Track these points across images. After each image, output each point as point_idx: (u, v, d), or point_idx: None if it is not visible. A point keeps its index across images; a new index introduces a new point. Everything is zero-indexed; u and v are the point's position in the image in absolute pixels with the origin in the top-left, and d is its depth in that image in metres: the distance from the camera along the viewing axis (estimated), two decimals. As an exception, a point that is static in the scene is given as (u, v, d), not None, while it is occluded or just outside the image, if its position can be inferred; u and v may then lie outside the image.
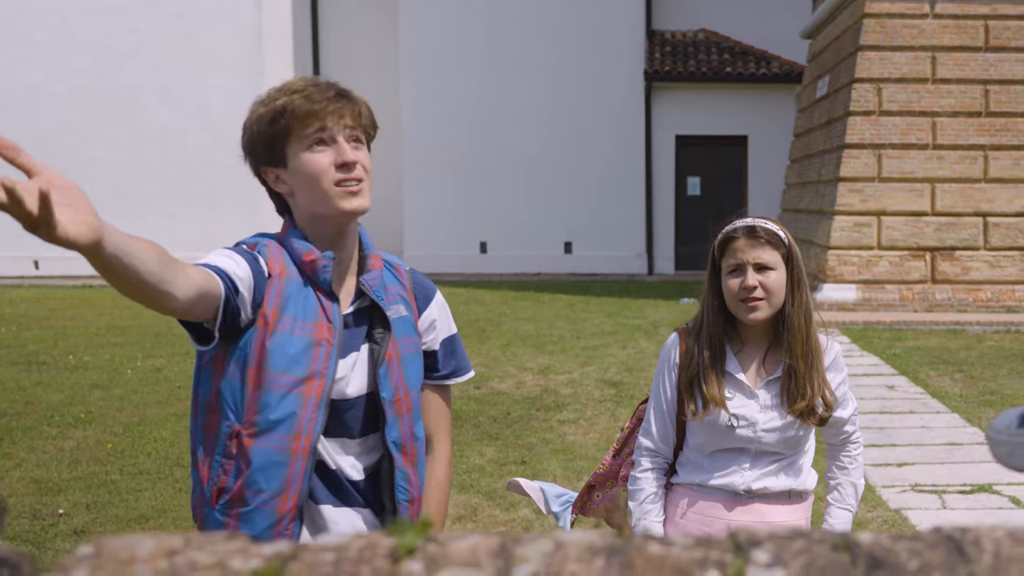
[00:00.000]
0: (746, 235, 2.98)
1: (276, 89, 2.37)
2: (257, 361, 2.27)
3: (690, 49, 23.22)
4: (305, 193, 2.32)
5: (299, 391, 2.29)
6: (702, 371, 3.03)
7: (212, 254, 2.27)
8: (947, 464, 7.43)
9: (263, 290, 2.29)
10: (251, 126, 2.36)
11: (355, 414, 2.42)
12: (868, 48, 15.73)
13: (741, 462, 3.05)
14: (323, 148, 2.29)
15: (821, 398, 3.02)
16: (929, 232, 15.47)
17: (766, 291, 2.95)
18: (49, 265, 21.65)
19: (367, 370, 2.43)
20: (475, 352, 12.18)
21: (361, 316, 2.45)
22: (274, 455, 2.29)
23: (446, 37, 22.50)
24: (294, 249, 2.36)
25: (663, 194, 23.02)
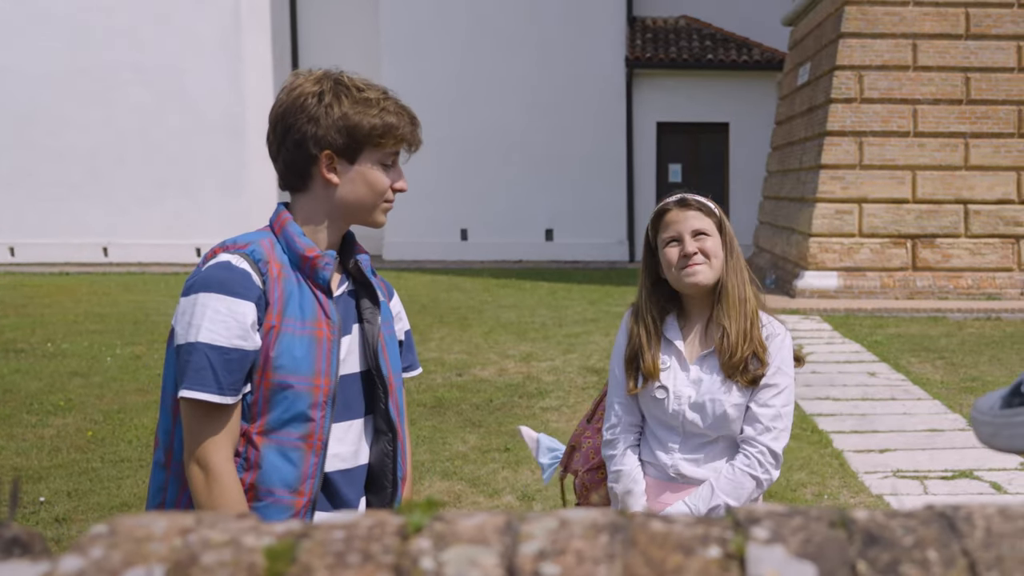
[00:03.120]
0: (678, 206, 3.07)
1: (380, 94, 2.45)
2: (264, 364, 2.29)
3: (671, 36, 23.25)
4: (358, 195, 2.41)
5: (307, 390, 2.32)
6: (640, 349, 3.09)
7: (214, 323, 2.24)
8: (929, 450, 7.48)
9: (265, 306, 2.30)
10: (344, 113, 2.36)
11: (353, 394, 2.46)
12: (849, 35, 15.78)
13: (672, 441, 3.08)
14: (390, 168, 2.46)
15: (754, 354, 3.03)
16: (910, 219, 15.54)
17: (705, 255, 3.02)
18: (25, 252, 21.54)
19: (359, 349, 2.48)
20: (457, 340, 12.19)
21: (350, 297, 2.50)
22: (288, 453, 2.32)
23: (427, 21, 22.46)
24: (293, 244, 2.37)
25: (644, 181, 23.05)
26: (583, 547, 0.80)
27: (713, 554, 0.79)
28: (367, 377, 2.49)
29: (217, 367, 2.23)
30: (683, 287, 3.06)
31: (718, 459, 3.07)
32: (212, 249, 2.38)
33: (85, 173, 21.36)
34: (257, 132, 21.41)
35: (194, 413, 2.26)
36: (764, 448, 3.04)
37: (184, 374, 2.25)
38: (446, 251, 22.87)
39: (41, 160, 21.33)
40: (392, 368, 2.52)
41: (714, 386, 3.03)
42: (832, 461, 7.19)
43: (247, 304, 2.26)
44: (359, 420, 2.48)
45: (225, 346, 2.23)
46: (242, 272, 2.28)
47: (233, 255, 2.31)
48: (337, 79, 2.41)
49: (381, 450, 2.51)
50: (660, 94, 22.93)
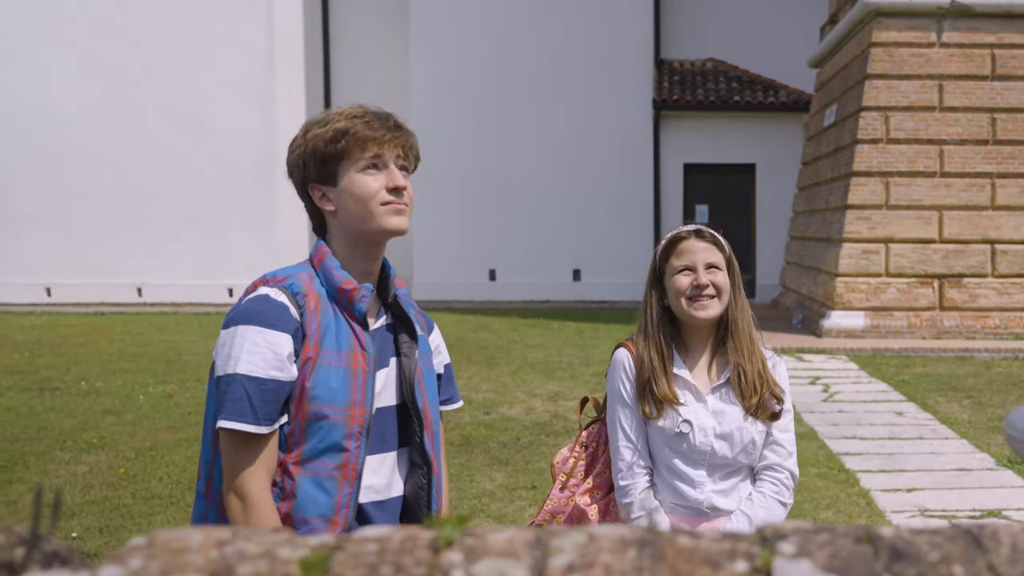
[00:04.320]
0: (695, 236, 3.09)
1: (334, 113, 2.48)
2: (300, 395, 2.33)
3: (699, 78, 23.32)
4: (351, 211, 2.41)
5: (342, 420, 2.35)
6: (653, 374, 3.07)
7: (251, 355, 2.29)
8: (956, 489, 7.43)
9: (302, 338, 2.34)
10: (305, 144, 2.44)
11: (389, 426, 2.49)
12: (875, 76, 15.80)
13: (698, 475, 3.05)
14: (375, 172, 2.41)
15: (771, 393, 3.06)
16: (937, 259, 15.48)
17: (716, 289, 3.03)
18: (61, 292, 21.71)
19: (396, 383, 2.51)
20: (485, 378, 12.20)
21: (388, 331, 2.54)
22: (324, 482, 2.35)
23: (457, 63, 22.61)
24: (331, 277, 2.42)
25: (672, 222, 23.03)
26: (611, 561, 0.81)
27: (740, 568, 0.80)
28: (403, 410, 2.52)
29: (254, 398, 2.27)
30: (689, 318, 3.07)
31: (741, 487, 3.07)
32: (253, 283, 2.44)
33: (118, 213, 21.54)
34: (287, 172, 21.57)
35: (232, 443, 2.31)
36: (788, 473, 3.09)
37: (222, 405, 2.30)
38: (474, 291, 22.90)
39: (75, 200, 21.54)
40: (428, 401, 2.54)
41: (738, 415, 3.04)
42: (859, 500, 7.15)
43: (284, 336, 2.31)
44: (393, 453, 2.50)
45: (262, 377, 2.28)
46: (279, 305, 2.34)
47: (272, 288, 2.38)
48: (308, 120, 2.51)
49: (416, 483, 2.52)
50: (687, 135, 22.97)
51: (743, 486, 3.07)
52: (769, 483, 3.06)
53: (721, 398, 3.07)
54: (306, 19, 22.97)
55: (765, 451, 3.08)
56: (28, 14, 21.37)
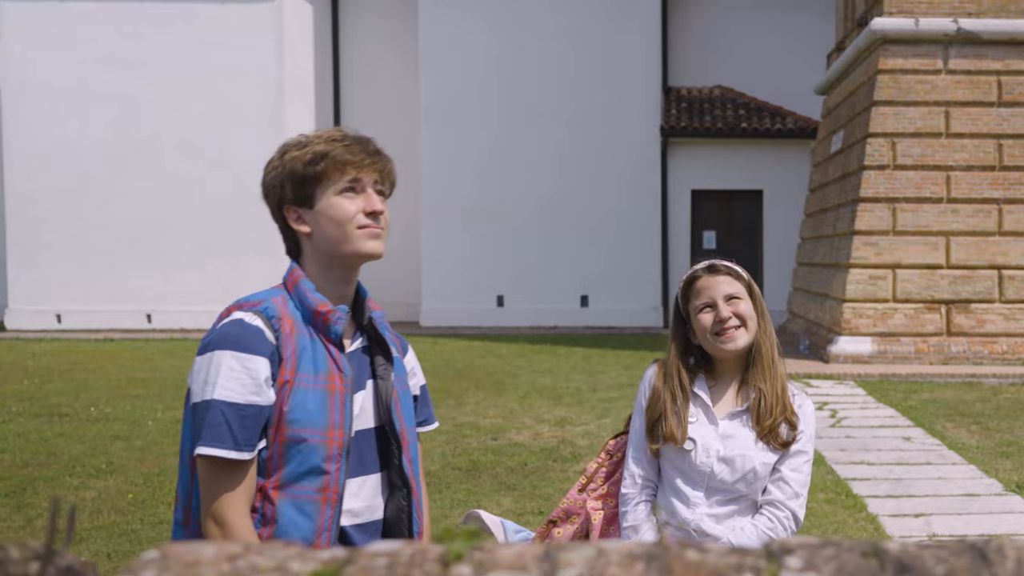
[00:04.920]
0: (708, 272, 3.11)
1: (313, 135, 2.46)
2: (278, 419, 2.31)
3: (706, 105, 23.38)
4: (327, 234, 2.40)
5: (321, 443, 2.33)
6: (664, 413, 3.10)
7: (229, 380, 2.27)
8: (964, 515, 7.42)
9: (278, 362, 2.32)
10: (283, 165, 2.43)
11: (368, 449, 2.47)
12: (882, 103, 15.84)
13: (695, 495, 3.06)
14: (352, 196, 2.39)
15: (786, 421, 3.06)
16: (944, 285, 15.48)
17: (740, 319, 3.04)
18: (71, 319, 21.76)
19: (373, 405, 2.50)
20: (492, 404, 12.21)
21: (364, 353, 2.52)
22: (304, 506, 2.33)
23: (465, 90, 22.69)
24: (305, 300, 2.40)
25: (679, 248, 23.07)
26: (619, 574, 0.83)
27: (748, 582, 0.82)
28: (381, 433, 2.50)
29: (233, 423, 2.25)
30: (719, 353, 3.08)
31: (738, 517, 3.06)
32: (227, 308, 2.41)
33: (130, 241, 21.59)
34: (296, 200, 21.65)
35: (211, 470, 2.28)
36: (790, 513, 3.06)
37: (200, 431, 2.27)
38: (483, 317, 22.90)
39: (87, 230, 21.59)
40: (406, 423, 2.53)
41: (746, 443, 3.04)
42: (867, 526, 7.14)
43: (261, 360, 2.29)
44: (374, 475, 2.49)
45: (240, 402, 2.26)
46: (255, 329, 2.32)
47: (246, 313, 2.36)
48: (285, 142, 2.49)
49: (396, 505, 2.51)
50: (695, 162, 23.01)
51: (739, 517, 3.07)
52: (766, 518, 3.05)
53: (736, 423, 3.08)
54: (316, 49, 23.10)
55: (770, 486, 3.07)
56: (43, 46, 21.50)
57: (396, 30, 23.75)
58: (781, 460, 3.07)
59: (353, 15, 23.92)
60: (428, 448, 9.60)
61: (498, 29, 22.72)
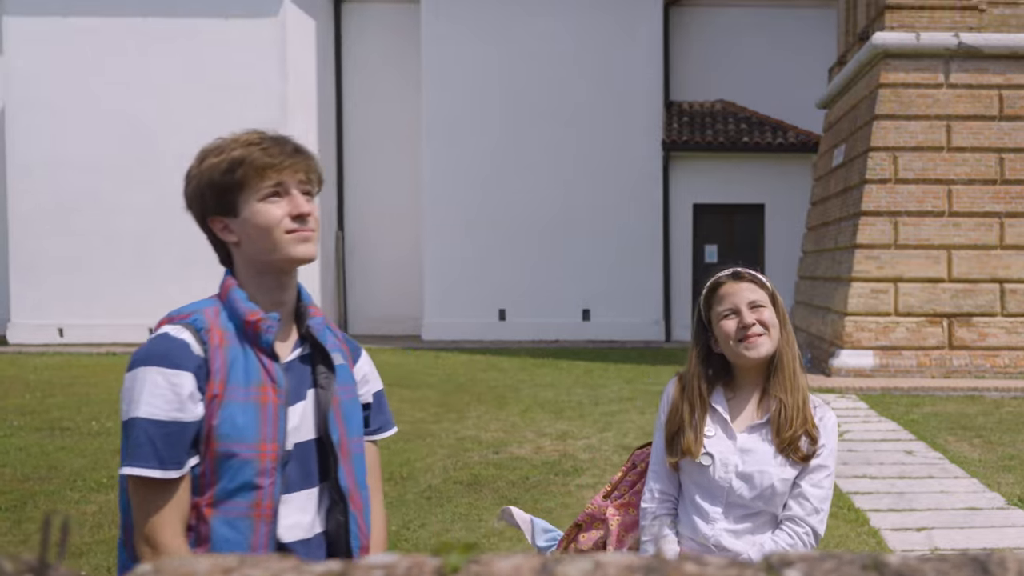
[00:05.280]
0: (732, 278, 3.09)
1: (230, 140, 2.39)
2: (208, 434, 2.25)
3: (708, 119, 23.42)
4: (255, 242, 2.33)
5: (253, 457, 2.26)
6: (682, 426, 3.08)
7: (152, 396, 2.22)
8: (967, 529, 7.41)
9: (206, 375, 2.26)
10: (201, 175, 2.37)
11: (309, 461, 2.40)
12: (883, 117, 15.87)
13: (714, 510, 3.05)
14: (277, 200, 2.33)
15: (807, 434, 3.04)
16: (946, 298, 15.48)
17: (764, 326, 3.01)
18: (73, 332, 21.77)
19: (314, 415, 2.41)
20: (494, 418, 12.21)
21: (304, 362, 2.43)
22: (237, 523, 2.26)
23: (467, 105, 22.74)
24: (236, 310, 2.33)
25: (681, 261, 23.09)
26: (618, 588, 0.83)
27: (747, 596, 0.81)
28: (322, 444, 2.42)
29: (157, 441, 2.20)
30: (743, 360, 3.05)
31: (758, 533, 3.04)
32: (160, 321, 2.36)
33: (132, 256, 21.60)
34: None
35: (139, 490, 2.23)
36: (810, 529, 3.03)
37: (126, 450, 2.23)
38: (485, 331, 22.91)
39: (90, 245, 21.62)
40: (348, 434, 2.44)
41: (764, 457, 3.01)
42: (869, 539, 7.14)
43: (184, 374, 2.23)
44: (315, 489, 2.42)
45: (164, 419, 2.20)
46: (179, 342, 2.27)
47: (174, 326, 2.31)
48: (204, 148, 2.42)
49: (335, 520, 2.43)
50: (696, 176, 23.05)
51: (759, 533, 3.04)
52: (786, 534, 3.02)
53: (755, 436, 3.05)
54: (319, 63, 23.16)
55: (790, 501, 3.04)
56: (46, 61, 21.56)
57: (398, 45, 23.81)
58: (801, 475, 3.04)
59: (356, 30, 23.98)
60: (429, 462, 9.60)
61: (500, 44, 22.78)
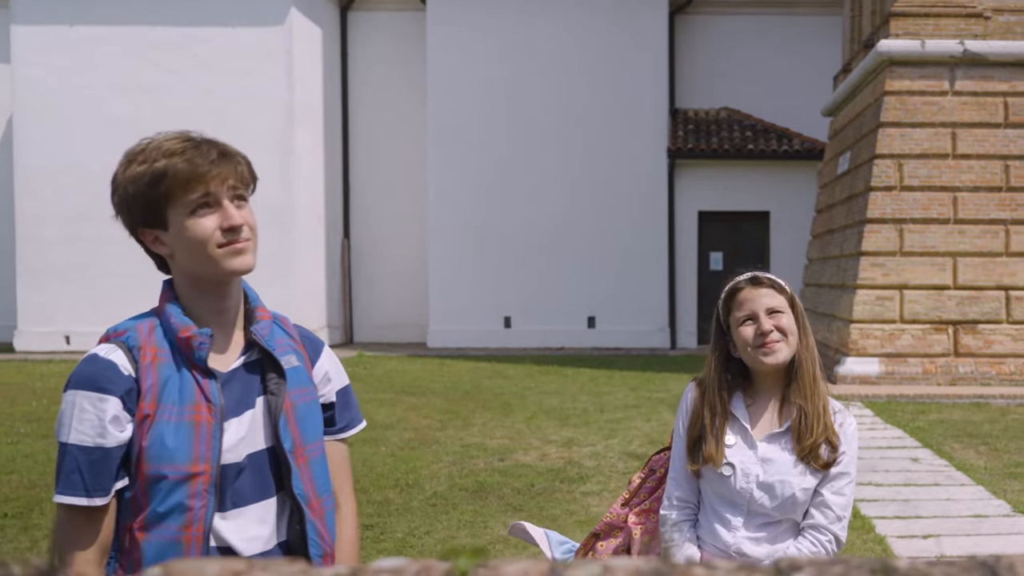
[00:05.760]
0: (751, 284, 3.07)
1: (153, 146, 2.27)
2: (139, 455, 2.20)
3: (713, 127, 23.43)
4: (188, 256, 2.25)
5: (184, 479, 2.20)
6: (703, 432, 3.07)
7: (80, 423, 2.18)
8: (973, 536, 7.42)
9: (136, 395, 2.21)
10: (126, 185, 2.26)
11: (264, 471, 2.32)
12: (889, 125, 15.87)
13: (735, 518, 3.05)
14: (207, 211, 2.22)
15: (827, 441, 3.02)
16: (951, 306, 15.47)
17: (782, 333, 3.00)
18: (80, 340, 21.79)
19: (265, 423, 2.33)
20: (499, 425, 12.21)
21: (252, 369, 2.34)
22: (167, 548, 2.20)
23: (472, 113, 22.77)
24: (170, 325, 2.27)
25: (686, 269, 23.10)
26: (627, 592, 0.83)
27: (756, 600, 0.81)
28: (274, 452, 2.34)
29: (84, 469, 2.16)
30: (760, 366, 3.04)
31: (779, 541, 3.04)
32: (101, 337, 2.30)
33: (138, 264, 21.15)
34: (306, 225, 21.73)
35: (66, 516, 2.20)
36: (833, 537, 3.03)
37: (57, 476, 2.20)
38: (490, 338, 22.92)
39: (96, 252, 21.63)
40: (302, 439, 2.35)
41: (785, 467, 3.01)
42: (875, 547, 7.14)
43: (110, 399, 2.18)
44: (274, 498, 2.34)
45: (90, 446, 2.17)
46: (107, 364, 2.21)
47: (108, 344, 2.25)
48: (129, 150, 2.30)
49: (292, 530, 2.36)
50: (701, 183, 23.06)
51: (781, 540, 3.05)
52: (809, 542, 3.02)
53: (775, 446, 3.04)
54: (325, 72, 23.21)
55: (812, 510, 3.04)
56: (54, 70, 21.62)
57: (404, 54, 23.86)
58: (823, 482, 3.04)
59: (362, 39, 24.04)
60: (434, 469, 9.61)
61: (505, 53, 22.82)
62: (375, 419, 12.13)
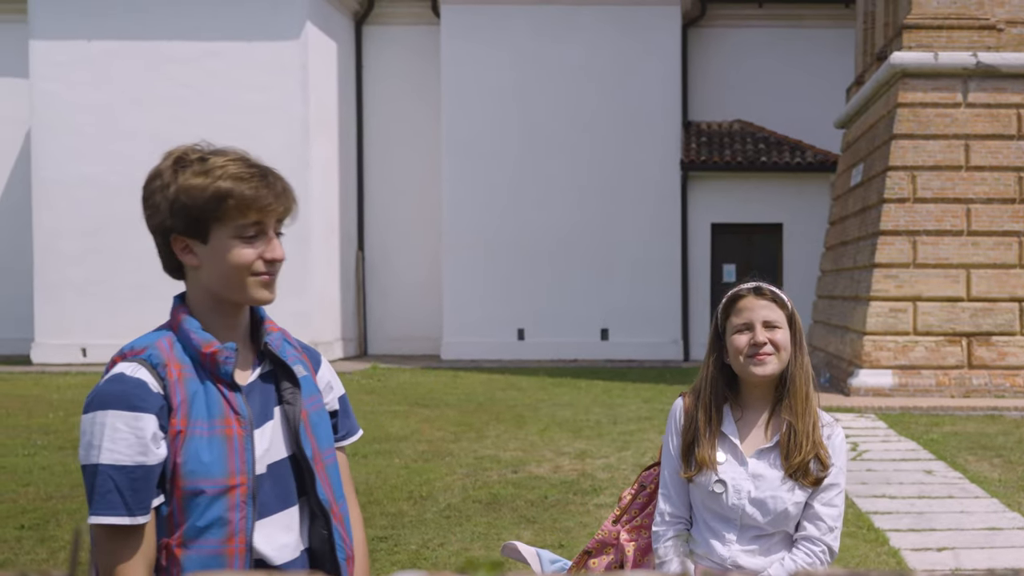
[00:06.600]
0: (753, 294, 3.09)
1: (216, 164, 2.27)
2: (173, 472, 2.20)
3: (726, 139, 23.47)
4: (217, 275, 2.26)
5: (222, 492, 2.21)
6: (698, 435, 3.09)
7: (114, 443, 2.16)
8: (988, 549, 7.41)
9: (167, 412, 2.20)
10: (180, 192, 2.23)
11: (286, 480, 2.36)
12: (902, 137, 15.89)
13: (728, 533, 3.07)
14: (252, 240, 2.25)
15: (816, 457, 3.04)
16: (965, 317, 15.46)
17: (775, 347, 3.02)
18: (96, 352, 21.89)
19: (284, 433, 2.36)
20: (513, 437, 12.24)
21: (267, 380, 2.37)
22: (208, 562, 2.21)
23: (486, 125, 22.85)
24: (190, 341, 2.26)
25: (699, 281, 23.12)
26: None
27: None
28: (295, 460, 2.37)
29: (123, 488, 2.14)
30: (748, 376, 3.06)
31: (772, 552, 3.06)
32: (113, 357, 2.28)
33: (155, 277, 21.38)
34: (320, 237, 21.80)
35: (106, 536, 2.18)
36: (826, 548, 3.06)
37: (91, 498, 2.17)
38: (503, 350, 22.96)
39: (113, 265, 21.75)
40: (319, 446, 2.39)
41: (775, 483, 3.03)
42: (889, 560, 7.14)
43: (147, 417, 2.17)
44: (296, 506, 2.37)
45: (128, 464, 2.15)
46: (136, 382, 2.19)
47: (129, 364, 2.23)
48: (182, 155, 2.28)
49: (318, 536, 2.39)
50: (714, 196, 23.10)
51: (774, 551, 3.07)
52: (803, 553, 3.05)
53: (764, 462, 3.06)
54: (340, 86, 23.32)
55: (804, 522, 3.07)
56: (71, 85, 21.77)
57: (418, 67, 23.97)
58: (813, 495, 3.06)
59: (376, 52, 24.17)
60: (448, 481, 9.65)
61: (519, 65, 22.91)
62: (389, 431, 12.17)
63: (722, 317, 3.16)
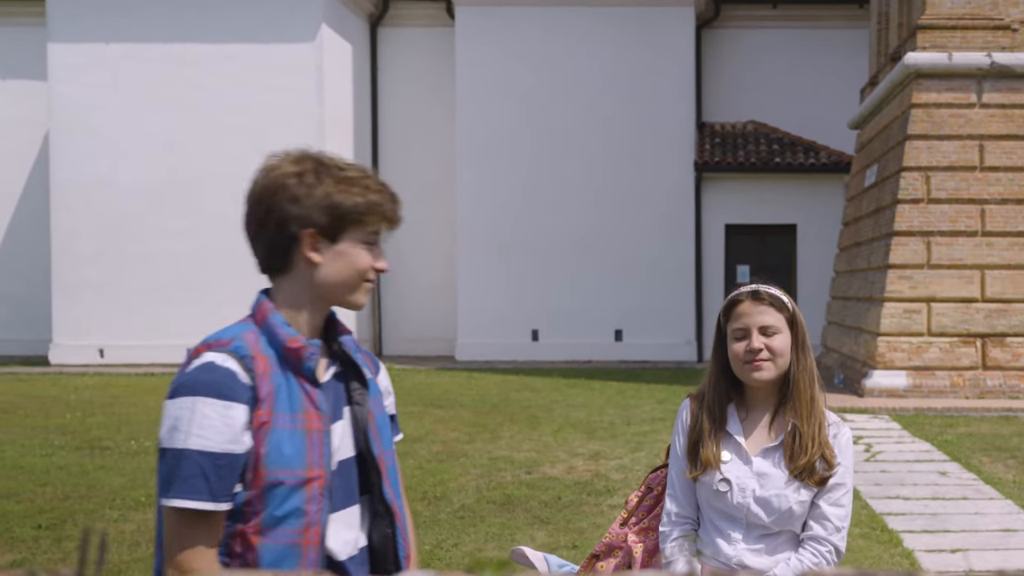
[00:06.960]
0: (751, 298, 3.08)
1: (359, 175, 2.38)
2: (255, 461, 2.24)
3: (739, 140, 23.46)
4: (336, 276, 2.34)
5: (301, 485, 2.26)
6: (702, 435, 3.10)
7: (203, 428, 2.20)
8: (1002, 550, 7.41)
9: (254, 403, 2.25)
10: (331, 193, 2.32)
11: (352, 478, 2.42)
12: (916, 137, 15.87)
13: (734, 532, 3.08)
14: (370, 248, 2.37)
15: (822, 457, 3.05)
16: (979, 318, 15.43)
17: (772, 352, 3.03)
18: (113, 353, 22.00)
19: (352, 432, 2.43)
20: (527, 438, 12.27)
21: (339, 379, 2.44)
22: (284, 551, 2.26)
23: (501, 127, 22.88)
24: (276, 335, 2.32)
25: (713, 282, 23.10)
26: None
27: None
28: (360, 459, 2.44)
29: (209, 474, 2.18)
30: (747, 380, 3.08)
31: (779, 551, 3.07)
32: (195, 348, 2.32)
33: (171, 278, 21.80)
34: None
35: (182, 520, 2.20)
36: (832, 548, 3.06)
37: (172, 481, 2.19)
38: (518, 351, 22.99)
39: (130, 266, 21.86)
40: (384, 447, 2.48)
41: (780, 482, 3.04)
42: (903, 561, 7.15)
43: (238, 406, 2.22)
44: (358, 504, 2.43)
45: (216, 451, 2.19)
46: (227, 372, 2.24)
47: (217, 353, 2.27)
48: (318, 159, 2.36)
49: (381, 533, 2.45)
50: (728, 197, 23.09)
51: (781, 551, 3.08)
52: (809, 552, 3.06)
53: (769, 460, 3.08)
54: (355, 87, 23.39)
55: (811, 522, 3.07)
56: (89, 87, 21.86)
57: (433, 69, 24.03)
58: (820, 495, 3.07)
59: (391, 53, 24.23)
60: (462, 482, 9.69)
61: (533, 66, 22.95)
62: (403, 432, 12.15)
63: (723, 321, 3.17)
